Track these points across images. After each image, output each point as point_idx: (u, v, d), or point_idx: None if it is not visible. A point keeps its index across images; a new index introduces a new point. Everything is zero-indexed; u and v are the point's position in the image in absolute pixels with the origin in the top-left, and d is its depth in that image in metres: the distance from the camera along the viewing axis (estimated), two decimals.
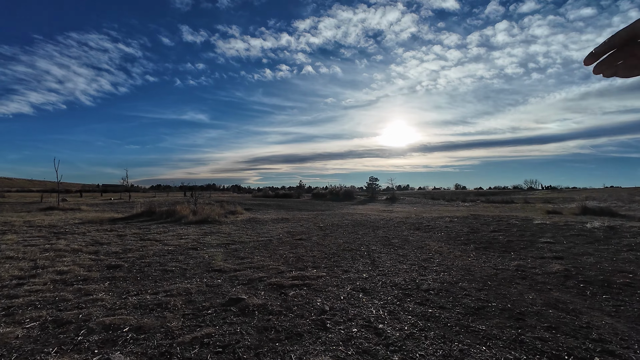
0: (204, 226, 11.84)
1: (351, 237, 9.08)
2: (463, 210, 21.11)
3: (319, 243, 8.11)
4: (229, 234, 9.87)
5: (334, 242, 8.20)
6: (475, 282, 4.46)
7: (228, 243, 8.14)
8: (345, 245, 7.79)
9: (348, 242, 8.18)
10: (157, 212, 15.64)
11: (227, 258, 6.38)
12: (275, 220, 14.21)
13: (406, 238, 8.74)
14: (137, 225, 12.01)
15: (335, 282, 4.54)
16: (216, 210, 17.96)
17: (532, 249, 6.80)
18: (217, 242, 8.23)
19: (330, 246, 7.64)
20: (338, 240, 8.49)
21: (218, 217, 14.04)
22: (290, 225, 12.20)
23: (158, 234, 9.62)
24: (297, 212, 19.90)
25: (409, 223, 12.45)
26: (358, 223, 12.94)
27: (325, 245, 7.72)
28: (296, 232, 10.31)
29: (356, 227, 11.55)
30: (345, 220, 14.01)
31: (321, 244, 7.93)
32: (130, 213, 16.60)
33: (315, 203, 29.47)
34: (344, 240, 8.46)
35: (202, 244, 7.97)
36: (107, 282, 4.66)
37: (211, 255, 6.68)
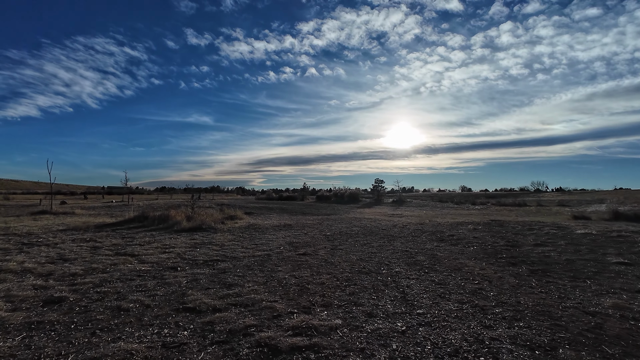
0: (196, 235, 10.29)
1: (366, 252, 7.46)
2: (477, 215, 19.37)
3: (328, 261, 6.50)
4: (222, 245, 8.31)
5: (345, 260, 6.58)
6: (579, 345, 2.82)
7: (217, 260, 6.56)
8: (361, 264, 6.16)
9: (363, 260, 6.55)
10: (150, 217, 14.14)
11: (209, 285, 4.79)
12: (277, 227, 12.63)
13: (433, 254, 7.09)
14: (123, 234, 10.50)
15: (358, 341, 2.93)
16: (214, 215, 16.43)
17: (610, 275, 5.11)
18: (205, 259, 6.65)
19: (341, 266, 6.02)
20: (350, 257, 6.87)
21: (214, 223, 12.50)
22: (293, 234, 10.60)
23: (140, 246, 8.08)
24: (301, 216, 18.32)
25: (428, 231, 10.79)
26: (369, 231, 11.31)
27: (336, 265, 6.10)
28: (300, 243, 8.71)
29: (368, 237, 9.92)
30: (354, 228, 12.38)
31: (330, 263, 6.32)
32: (122, 218, 15.15)
33: (319, 206, 27.87)
34: (357, 257, 6.84)
35: (186, 261, 6.40)
36: (21, 336, 3.10)
37: (191, 280, 5.10)
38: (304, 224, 13.80)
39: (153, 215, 14.23)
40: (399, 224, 13.39)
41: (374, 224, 13.55)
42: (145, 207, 20.57)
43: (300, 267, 5.92)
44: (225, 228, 11.95)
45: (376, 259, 6.61)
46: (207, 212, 16.52)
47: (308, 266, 5.97)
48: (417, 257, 6.61)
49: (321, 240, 9.17)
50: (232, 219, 15.16)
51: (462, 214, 20.17)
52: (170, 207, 20.96)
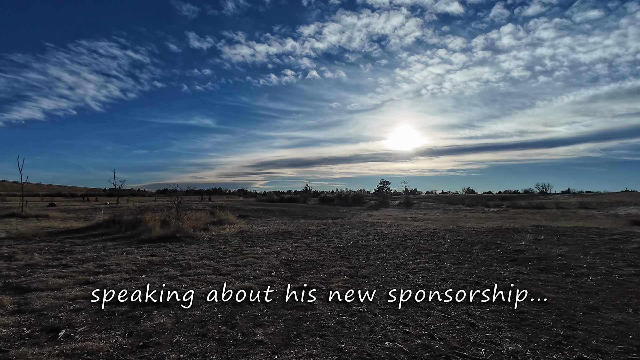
0: (163, 247, 7.34)
1: (410, 283, 4.48)
2: (502, 218, 16.33)
3: (353, 310, 3.53)
4: (185, 266, 5.36)
5: (385, 307, 3.61)
6: None
7: (152, 306, 3.60)
8: (420, 328, 3.18)
9: (419, 312, 3.57)
10: (123, 221, 11.23)
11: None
12: (274, 234, 9.66)
13: (535, 293, 4.10)
14: (66, 246, 7.55)
15: None
16: (201, 219, 13.48)
17: None
18: (134, 301, 3.69)
19: (385, 330, 3.05)
20: (391, 299, 3.89)
21: (194, 230, 9.55)
22: (293, 246, 7.61)
23: (60, 268, 5.11)
24: (303, 220, 15.33)
25: (474, 242, 7.77)
26: (393, 241, 8.32)
27: (374, 328, 3.12)
28: (301, 263, 5.74)
29: (396, 251, 6.93)
30: (371, 236, 9.38)
31: (361, 318, 3.35)
32: (90, 223, 12.25)
33: (323, 208, 24.87)
34: (402, 301, 3.85)
35: (95, 312, 3.44)
36: None
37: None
38: (307, 230, 10.82)
39: (126, 219, 11.31)
40: (424, 231, 10.40)
41: (392, 231, 10.57)
42: (127, 210, 17.67)
43: (300, 325, 2.96)
44: (207, 236, 8.99)
45: (439, 307, 3.62)
46: (193, 216, 13.59)
47: (317, 331, 2.99)
48: (522, 307, 3.59)
49: (332, 258, 6.20)
50: (220, 223, 12.20)
51: (483, 218, 17.13)
52: (154, 210, 18.06)
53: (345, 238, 8.94)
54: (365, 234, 9.76)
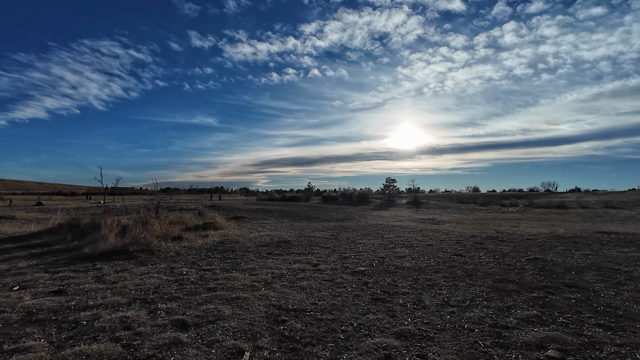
0: (96, 269, 4.63)
1: None
2: (534, 221, 13.55)
3: None
4: (79, 327, 2.70)
5: None
6: None
7: None
8: None
9: None
10: (81, 225, 8.57)
11: None
12: (267, 245, 6.95)
13: None
14: None
15: None
16: (186, 221, 10.82)
17: None
18: None
19: None
20: None
21: (160, 239, 6.83)
22: (291, 272, 4.83)
23: None
24: (306, 222, 12.61)
25: (575, 266, 5.03)
26: (433, 258, 5.53)
27: None
28: (303, 318, 2.97)
29: (455, 280, 4.13)
30: (397, 248, 6.62)
31: None
32: (42, 227, 9.58)
33: (327, 208, 22.14)
34: None
35: None
36: None
37: None
38: (311, 239, 8.09)
39: (85, 222, 8.64)
40: (463, 239, 7.64)
41: (419, 238, 7.83)
42: (103, 210, 15.03)
43: None
44: (174, 250, 6.28)
45: None
46: (174, 218, 10.93)
47: None
48: None
49: (357, 300, 3.45)
50: (204, 228, 9.49)
51: (510, 219, 14.34)
52: (130, 211, 15.47)
53: (365, 252, 6.22)
54: (388, 245, 7.03)
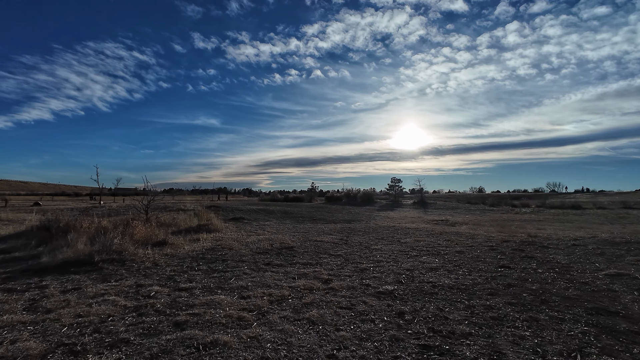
0: (41, 287, 3.45)
1: None
2: (557, 222, 12.19)
3: None
4: None
5: None
6: None
7: None
8: None
9: None
10: (53, 228, 7.39)
11: None
12: (266, 253, 5.70)
13: None
14: None
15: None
16: (180, 223, 9.65)
17: None
18: None
19: None
20: None
21: (137, 246, 5.61)
22: (295, 291, 3.54)
23: None
24: (310, 224, 11.36)
25: None
26: (475, 270, 4.21)
27: None
28: None
29: (527, 312, 2.84)
30: (423, 256, 5.32)
31: None
32: (20, 229, 8.42)
33: (331, 208, 20.89)
34: None
35: None
36: None
37: None
38: (318, 244, 6.83)
39: (58, 226, 7.45)
40: (494, 244, 6.35)
41: (443, 243, 6.55)
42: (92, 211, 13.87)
43: None
44: (153, 259, 5.06)
45: None
46: (166, 220, 9.78)
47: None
48: None
49: (402, 356, 2.25)
50: (195, 231, 8.27)
51: (529, 221, 13.00)
52: (119, 212, 14.31)
53: (385, 262, 4.95)
54: (410, 252, 5.75)
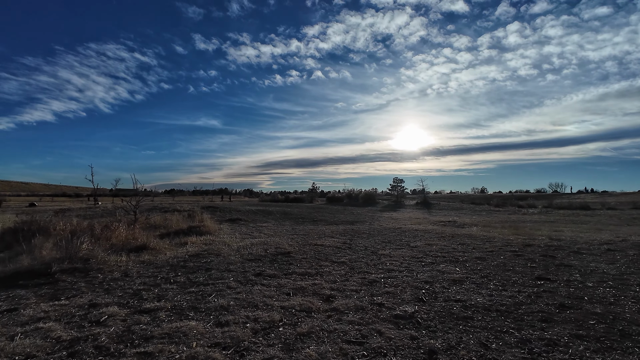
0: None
1: None
2: (573, 224, 11.33)
3: None
4: None
5: None
6: None
7: None
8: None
9: None
10: (22, 231, 6.61)
11: None
12: (258, 259, 4.88)
13: None
14: None
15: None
16: (172, 223, 8.90)
17: None
18: None
19: None
20: None
21: (109, 252, 4.82)
22: (286, 314, 2.73)
23: None
24: (311, 225, 10.55)
25: None
26: (514, 286, 3.43)
27: None
28: None
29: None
30: (445, 264, 4.49)
31: None
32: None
33: (333, 209, 20.07)
34: None
35: None
36: None
37: None
38: (318, 248, 6.02)
39: (27, 229, 6.68)
40: (517, 249, 5.54)
41: (459, 247, 5.74)
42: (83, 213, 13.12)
43: None
44: (123, 267, 4.26)
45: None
46: (159, 220, 9.03)
47: None
48: None
49: None
50: (185, 234, 7.47)
51: (544, 222, 12.15)
52: (108, 214, 13.54)
53: (397, 271, 4.14)
54: (424, 259, 4.93)
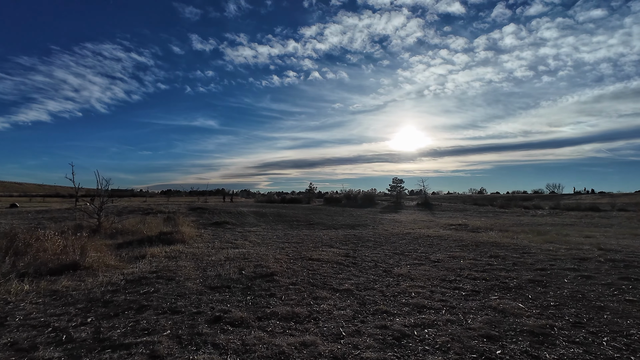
0: None
1: None
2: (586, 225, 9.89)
3: None
4: None
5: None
6: None
7: None
8: None
9: None
10: None
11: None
12: (226, 285, 3.24)
13: None
14: None
15: None
16: (144, 228, 7.39)
17: None
18: None
19: None
20: None
21: (8, 277, 3.31)
22: None
23: None
24: (306, 229, 9.01)
25: None
26: None
27: None
28: None
29: None
30: (509, 302, 2.92)
31: None
32: None
33: (331, 210, 18.54)
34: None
35: None
36: None
37: None
38: (313, 265, 4.48)
39: None
40: (577, 264, 4.07)
41: (498, 262, 4.27)
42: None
43: None
44: (13, 304, 2.75)
45: None
46: (131, 225, 7.50)
47: None
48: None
49: None
50: (153, 242, 5.91)
51: (561, 225, 10.71)
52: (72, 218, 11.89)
53: (435, 313, 2.62)
54: (462, 285, 3.43)
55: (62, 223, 8.66)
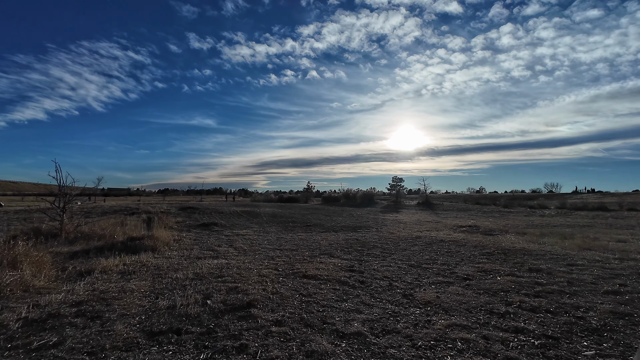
0: None
1: None
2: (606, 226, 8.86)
3: None
4: None
5: None
6: None
7: None
8: None
9: None
10: None
11: None
12: (172, 331, 2.05)
13: None
14: None
15: None
16: (121, 230, 6.24)
17: None
18: None
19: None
20: None
21: None
22: None
23: None
24: (303, 232, 7.87)
25: None
26: None
27: None
28: None
29: None
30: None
31: None
32: None
33: (329, 210, 17.41)
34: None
35: None
36: None
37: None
38: (308, 284, 3.34)
39: None
40: None
41: (550, 281, 3.20)
42: None
43: None
44: None
45: None
46: (100, 228, 6.33)
47: None
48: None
49: None
50: (117, 249, 4.75)
51: (579, 225, 9.63)
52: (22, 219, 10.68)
53: None
54: (529, 324, 2.29)
55: (32, 225, 7.48)
